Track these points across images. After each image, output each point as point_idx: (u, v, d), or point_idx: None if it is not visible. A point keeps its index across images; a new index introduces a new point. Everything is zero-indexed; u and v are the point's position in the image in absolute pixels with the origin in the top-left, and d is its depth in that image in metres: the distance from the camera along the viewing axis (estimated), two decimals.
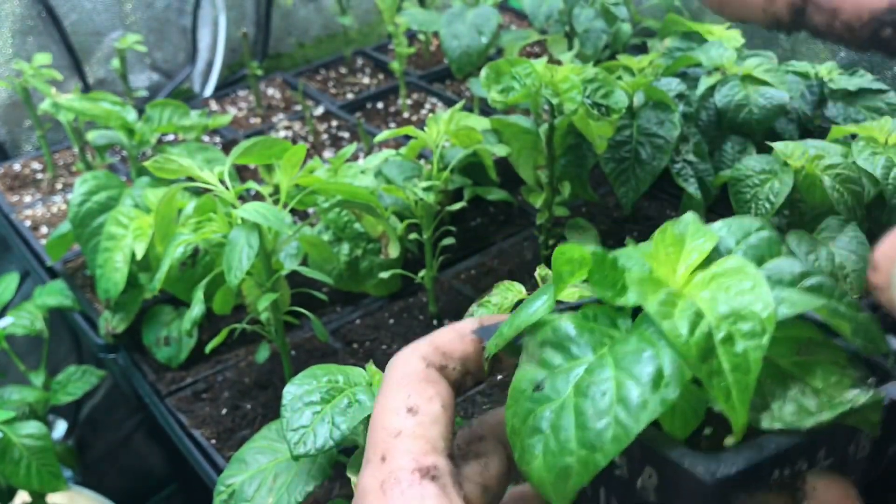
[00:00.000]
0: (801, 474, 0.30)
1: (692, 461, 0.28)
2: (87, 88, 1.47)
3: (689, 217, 0.34)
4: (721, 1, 0.33)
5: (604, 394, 0.29)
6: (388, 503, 0.32)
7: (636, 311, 0.31)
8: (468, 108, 1.23)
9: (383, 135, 0.91)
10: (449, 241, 0.88)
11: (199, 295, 0.78)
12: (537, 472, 0.30)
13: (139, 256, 0.85)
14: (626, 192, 0.89)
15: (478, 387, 0.39)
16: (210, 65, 1.59)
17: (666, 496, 0.30)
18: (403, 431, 0.34)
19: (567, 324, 0.32)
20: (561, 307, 0.33)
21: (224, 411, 0.87)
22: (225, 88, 1.53)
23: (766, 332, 0.28)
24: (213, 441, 0.83)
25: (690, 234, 0.33)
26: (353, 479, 0.58)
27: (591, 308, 0.32)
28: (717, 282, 0.30)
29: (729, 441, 0.29)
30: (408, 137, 1.11)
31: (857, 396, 0.29)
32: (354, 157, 1.19)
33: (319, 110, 1.36)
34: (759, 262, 0.32)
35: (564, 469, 0.29)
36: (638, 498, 0.31)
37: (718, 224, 0.34)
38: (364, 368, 0.61)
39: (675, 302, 0.29)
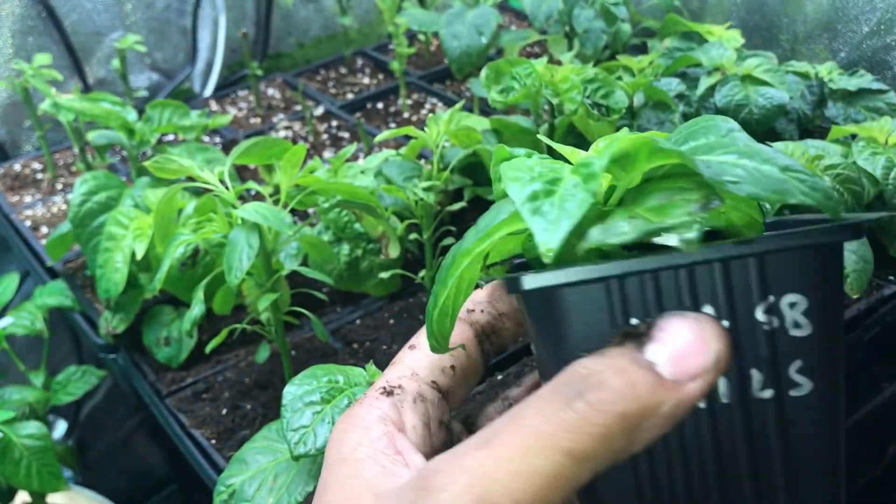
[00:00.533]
0: (651, 321, 0.31)
1: (510, 280, 0.32)
2: (87, 88, 1.47)
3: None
4: None
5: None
6: (348, 413, 0.36)
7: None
8: (468, 109, 1.23)
9: (383, 135, 0.91)
10: (449, 241, 0.88)
11: (199, 295, 0.78)
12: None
13: (139, 256, 0.85)
14: None
15: (478, 385, 0.40)
16: (210, 65, 1.59)
17: (532, 337, 0.35)
18: (396, 363, 0.38)
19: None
20: None
21: (224, 411, 0.87)
22: (225, 89, 1.53)
23: (598, 173, 0.30)
24: (214, 441, 0.83)
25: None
26: None
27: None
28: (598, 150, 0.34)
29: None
30: (408, 137, 1.11)
31: (682, 215, 0.30)
32: (354, 158, 1.19)
33: (319, 110, 1.36)
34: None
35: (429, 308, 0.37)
36: (539, 361, 0.36)
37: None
38: (364, 368, 0.61)
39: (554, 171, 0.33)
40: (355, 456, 0.34)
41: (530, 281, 0.31)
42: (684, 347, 0.29)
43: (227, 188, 0.74)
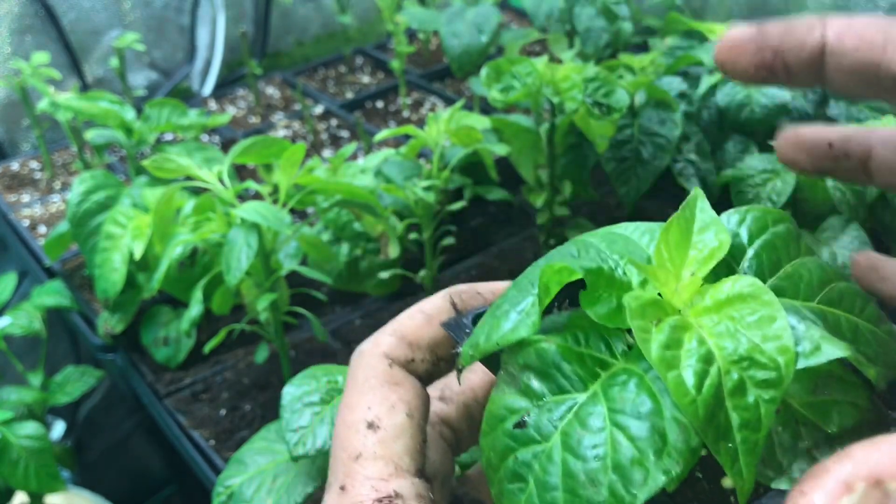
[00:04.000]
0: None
1: None
2: (85, 87, 1.46)
3: (696, 195, 0.29)
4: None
5: (596, 453, 0.25)
6: None
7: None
8: (468, 107, 1.22)
9: (383, 134, 0.90)
10: (449, 240, 0.87)
11: (197, 295, 0.78)
12: None
13: (137, 256, 0.84)
14: (627, 192, 0.88)
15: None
16: (209, 63, 1.59)
17: None
18: (363, 453, 0.31)
19: (552, 348, 0.27)
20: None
21: (223, 412, 0.86)
22: (224, 87, 1.52)
23: (784, 382, 0.24)
24: (212, 442, 0.83)
25: (698, 226, 0.28)
26: None
27: (580, 325, 0.28)
28: (728, 310, 0.26)
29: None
30: (408, 136, 1.11)
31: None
32: (354, 157, 1.18)
33: (319, 109, 1.36)
34: (776, 266, 0.29)
35: None
36: None
37: (730, 213, 0.30)
38: None
39: (681, 340, 0.25)
40: None
41: None
42: None
43: (225, 187, 0.74)
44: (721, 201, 0.95)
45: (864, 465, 0.22)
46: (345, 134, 1.30)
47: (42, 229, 1.15)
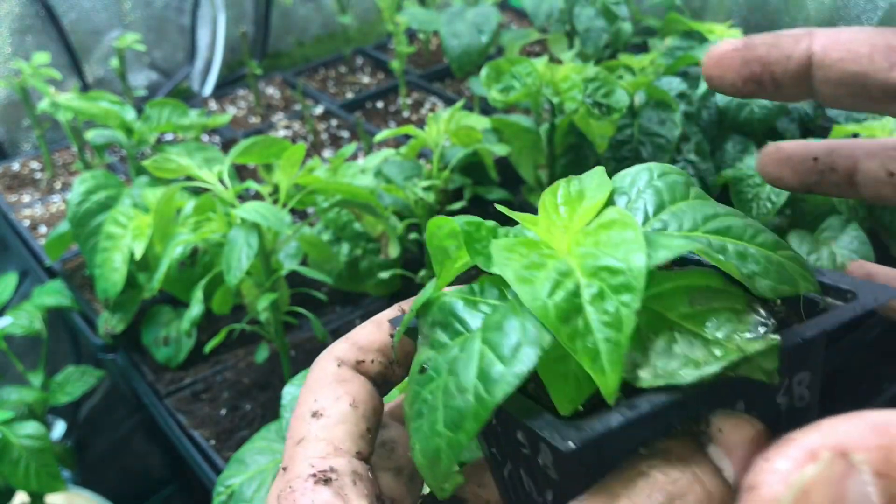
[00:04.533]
0: (705, 418, 0.28)
1: (549, 431, 0.27)
2: (85, 87, 1.46)
3: (596, 170, 0.32)
4: None
5: (467, 370, 0.27)
6: None
7: None
8: (468, 108, 1.22)
9: (383, 134, 0.90)
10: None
11: (197, 295, 0.78)
12: (417, 457, 0.29)
13: (138, 256, 0.85)
14: None
15: None
16: (209, 64, 1.59)
17: (559, 469, 0.29)
18: (306, 437, 0.32)
19: (454, 300, 0.30)
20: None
21: (223, 412, 0.86)
22: (224, 87, 1.52)
23: (637, 284, 0.26)
24: (213, 441, 0.83)
25: (591, 187, 0.31)
26: None
27: (482, 281, 0.31)
28: (595, 237, 0.28)
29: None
30: (408, 137, 1.11)
31: (748, 343, 0.27)
32: (354, 157, 1.18)
33: (319, 109, 1.36)
34: (660, 207, 0.31)
35: (435, 451, 0.28)
36: (545, 476, 0.30)
37: (623, 173, 0.32)
38: None
39: (545, 263, 0.28)
40: None
41: (595, 436, 0.26)
42: (745, 459, 0.27)
43: (226, 187, 0.74)
44: (721, 201, 0.95)
45: (831, 436, 0.23)
46: (345, 134, 1.30)
47: (42, 229, 1.15)
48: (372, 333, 0.36)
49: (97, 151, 1.13)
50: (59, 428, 1.30)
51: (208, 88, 1.58)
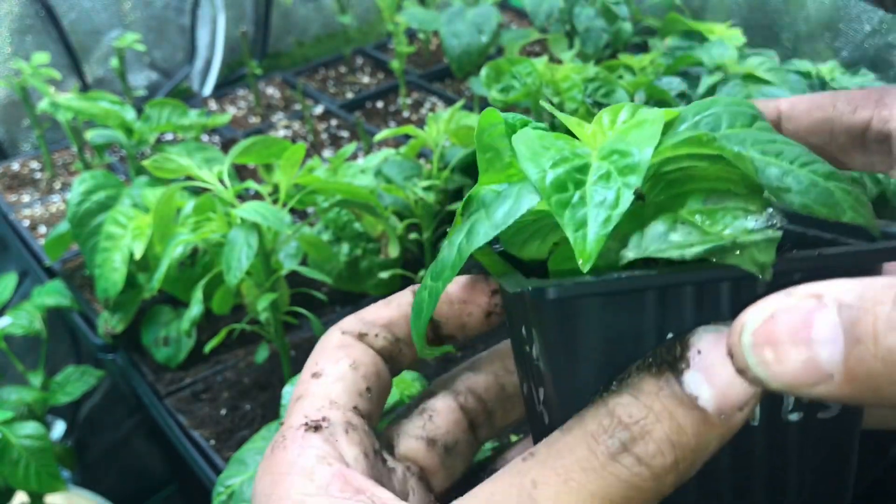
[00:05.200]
0: (683, 339, 0.27)
1: (511, 282, 0.28)
2: (85, 87, 1.46)
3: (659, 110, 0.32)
4: None
5: (461, 233, 0.30)
6: (274, 460, 0.31)
7: None
8: (468, 108, 1.22)
9: (383, 134, 0.90)
10: None
11: (197, 295, 0.78)
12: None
13: (138, 256, 0.85)
14: None
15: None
16: (209, 64, 1.59)
17: (541, 350, 0.29)
18: (304, 395, 0.33)
19: (486, 191, 0.32)
20: None
21: (223, 412, 0.86)
22: (224, 87, 1.52)
23: (641, 166, 0.27)
24: (212, 442, 0.83)
25: (651, 111, 0.31)
26: None
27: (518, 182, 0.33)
28: (626, 132, 0.29)
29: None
30: (408, 136, 1.11)
31: (744, 234, 0.27)
32: (354, 157, 1.18)
33: (319, 109, 1.36)
34: (715, 129, 0.31)
35: (419, 302, 0.31)
36: (538, 372, 0.30)
37: (693, 104, 0.33)
38: None
39: (571, 152, 0.29)
40: None
41: (559, 290, 0.27)
42: (727, 377, 0.26)
43: (225, 187, 0.74)
44: None
45: (809, 287, 0.24)
46: (345, 134, 1.30)
47: (42, 229, 1.15)
48: (379, 309, 0.36)
49: (97, 151, 1.12)
50: (58, 428, 1.30)
51: (208, 88, 1.58)
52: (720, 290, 0.28)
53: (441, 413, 0.35)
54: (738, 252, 0.26)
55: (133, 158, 1.05)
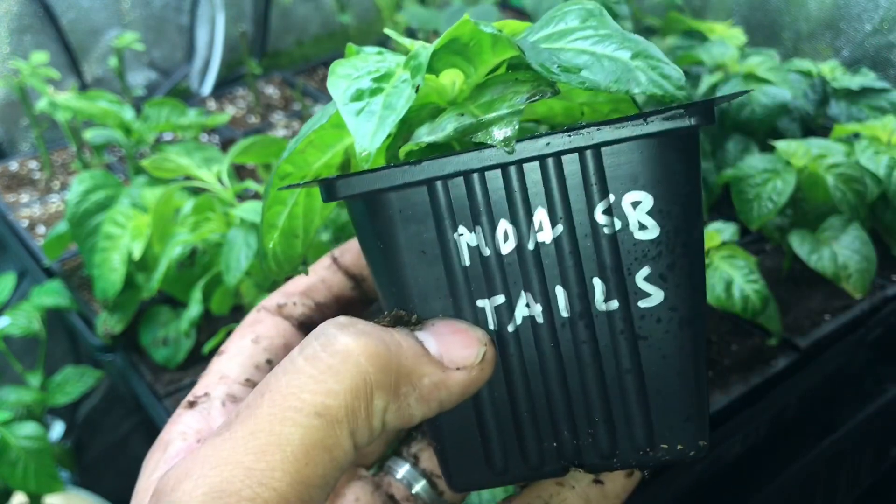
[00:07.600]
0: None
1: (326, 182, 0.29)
2: (84, 87, 1.46)
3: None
4: None
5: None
6: (158, 438, 0.34)
7: None
8: None
9: None
10: None
11: (197, 295, 0.78)
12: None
13: (137, 256, 0.84)
14: None
15: None
16: (208, 63, 1.58)
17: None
18: (205, 373, 0.36)
19: None
20: None
21: None
22: (223, 87, 1.52)
23: (423, 66, 0.28)
24: None
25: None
26: None
27: None
28: (438, 42, 0.31)
29: None
30: None
31: (495, 113, 0.28)
32: None
33: (318, 109, 1.36)
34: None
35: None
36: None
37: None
38: None
39: (392, 66, 0.31)
40: (155, 479, 0.31)
41: (346, 185, 0.28)
42: (452, 339, 0.29)
43: (224, 187, 0.73)
44: (721, 201, 0.94)
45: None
46: None
47: (41, 229, 1.15)
48: (299, 279, 0.39)
49: (96, 151, 1.12)
50: (57, 428, 1.30)
51: (207, 88, 1.57)
52: (508, 176, 0.29)
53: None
54: (483, 131, 0.28)
55: (132, 158, 1.04)
